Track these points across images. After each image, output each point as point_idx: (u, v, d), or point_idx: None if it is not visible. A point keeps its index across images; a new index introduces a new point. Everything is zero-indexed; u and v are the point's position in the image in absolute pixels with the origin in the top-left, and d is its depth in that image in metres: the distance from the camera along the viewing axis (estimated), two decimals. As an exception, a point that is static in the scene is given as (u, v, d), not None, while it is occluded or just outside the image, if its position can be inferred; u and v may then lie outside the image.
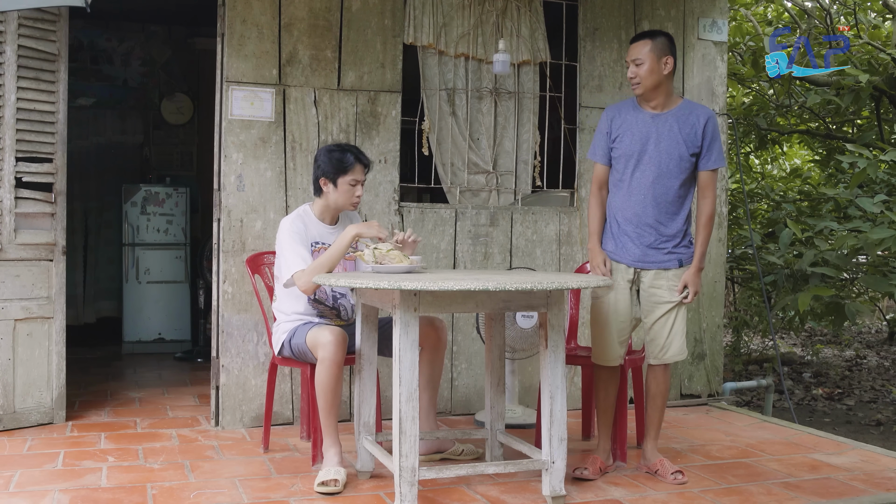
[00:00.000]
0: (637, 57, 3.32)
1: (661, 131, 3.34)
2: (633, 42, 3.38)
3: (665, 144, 3.32)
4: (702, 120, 3.33)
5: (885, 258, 5.59)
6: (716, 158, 3.36)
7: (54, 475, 3.33)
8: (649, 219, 3.35)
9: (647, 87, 3.32)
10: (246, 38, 4.16)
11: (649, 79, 3.31)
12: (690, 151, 3.33)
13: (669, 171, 3.32)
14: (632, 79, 3.35)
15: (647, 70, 3.30)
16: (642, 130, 3.36)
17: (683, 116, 3.35)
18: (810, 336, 9.71)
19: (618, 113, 3.45)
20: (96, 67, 7.36)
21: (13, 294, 3.98)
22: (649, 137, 3.34)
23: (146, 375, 5.62)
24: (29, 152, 4.02)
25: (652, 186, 3.33)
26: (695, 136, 3.32)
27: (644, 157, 3.35)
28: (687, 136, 3.32)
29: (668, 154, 3.32)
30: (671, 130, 3.33)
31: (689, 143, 3.33)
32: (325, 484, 3.13)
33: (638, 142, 3.35)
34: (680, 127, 3.33)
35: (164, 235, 6.63)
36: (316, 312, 3.50)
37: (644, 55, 3.30)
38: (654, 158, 3.33)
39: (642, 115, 3.39)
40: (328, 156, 3.46)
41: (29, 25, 3.98)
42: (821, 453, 3.86)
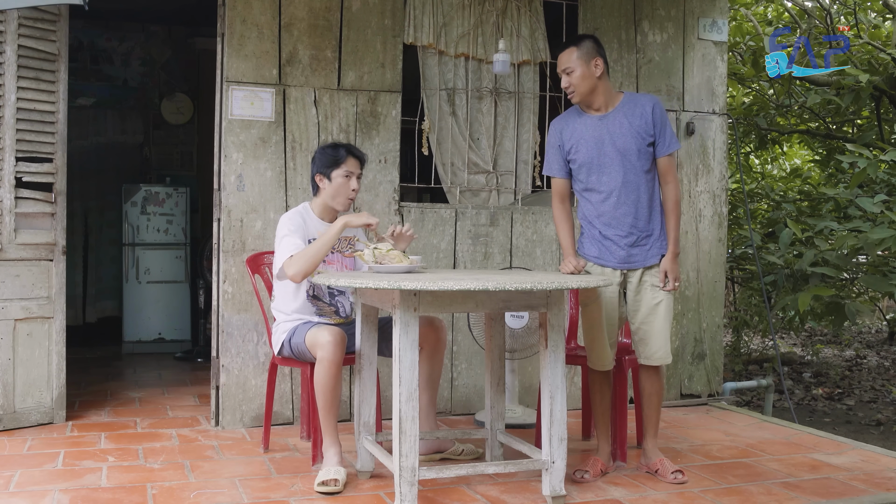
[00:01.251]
0: (567, 66, 3.32)
1: (613, 130, 3.32)
2: (560, 53, 3.36)
3: (621, 142, 3.31)
4: (648, 108, 3.32)
5: (885, 258, 5.59)
6: (669, 142, 3.34)
7: (54, 475, 3.33)
8: (628, 218, 3.33)
9: (583, 92, 3.32)
10: (246, 38, 4.16)
11: (583, 85, 3.31)
12: (647, 142, 3.31)
13: (633, 166, 3.31)
14: (566, 88, 3.34)
15: (578, 77, 3.30)
16: (594, 135, 3.35)
17: (630, 109, 3.34)
18: (810, 336, 9.71)
19: (566, 124, 3.44)
20: (96, 67, 7.36)
21: (13, 294, 3.98)
22: (603, 140, 3.33)
23: (146, 375, 5.62)
24: (29, 152, 4.02)
25: (622, 186, 3.32)
26: (646, 125, 3.31)
27: (605, 160, 3.33)
28: (639, 128, 3.31)
29: (626, 150, 3.31)
30: (622, 127, 3.32)
31: (642, 134, 3.31)
32: (326, 483, 3.13)
33: (593, 146, 3.34)
34: (630, 121, 3.32)
35: (164, 235, 6.64)
36: (315, 310, 3.50)
37: (573, 62, 3.30)
38: (616, 159, 3.31)
39: (589, 120, 3.37)
40: (322, 152, 3.51)
41: (29, 25, 3.98)
42: (821, 453, 3.86)
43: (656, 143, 3.34)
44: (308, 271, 3.23)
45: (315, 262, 3.24)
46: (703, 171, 4.98)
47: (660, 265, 3.37)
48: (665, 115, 3.35)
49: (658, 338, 3.39)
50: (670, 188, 3.37)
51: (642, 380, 3.50)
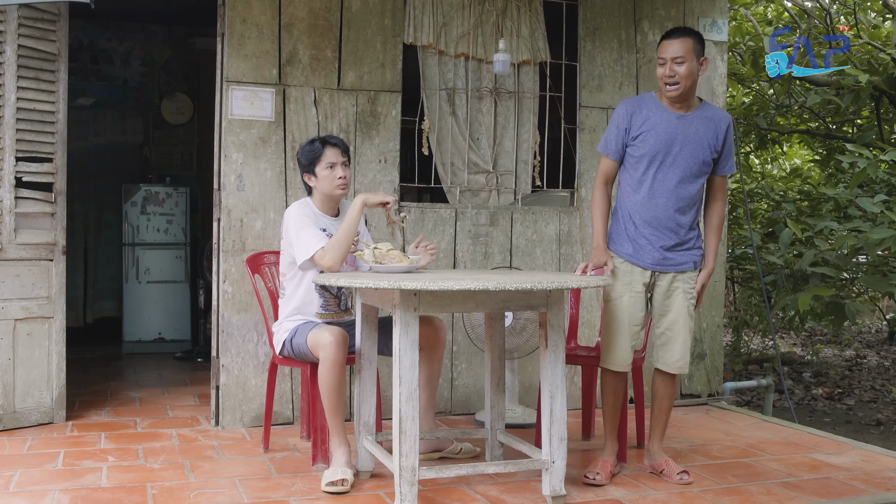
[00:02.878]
0: (679, 55, 3.13)
1: (688, 134, 3.24)
2: (669, 37, 3.18)
3: (690, 148, 3.24)
4: (723, 125, 3.28)
5: (885, 258, 5.59)
6: (731, 164, 3.35)
7: (54, 475, 3.33)
8: (670, 222, 3.28)
9: (687, 87, 3.19)
10: (246, 38, 4.16)
11: (689, 80, 3.16)
12: (712, 156, 3.27)
13: (692, 174, 3.26)
14: (670, 78, 3.16)
15: (687, 70, 3.14)
16: (668, 131, 3.24)
17: (707, 120, 3.27)
18: (810, 336, 9.70)
19: (638, 108, 3.30)
20: (96, 67, 7.36)
21: (13, 294, 3.98)
22: (675, 139, 3.24)
23: (146, 375, 5.62)
24: (29, 152, 4.02)
25: (675, 190, 3.25)
26: (716, 140, 3.27)
27: (668, 160, 3.25)
28: (710, 141, 3.26)
29: (693, 158, 3.24)
30: (697, 133, 3.25)
31: (711, 148, 3.26)
32: (333, 483, 3.13)
33: (664, 143, 3.24)
34: (704, 131, 3.25)
35: (164, 235, 6.63)
36: (322, 302, 3.51)
37: (686, 53, 3.13)
38: (680, 162, 3.24)
39: (668, 115, 3.26)
40: (301, 152, 3.55)
41: (29, 25, 3.98)
42: (821, 453, 3.86)
43: (719, 161, 3.30)
44: (343, 257, 3.31)
45: (347, 247, 3.32)
46: (703, 171, 4.98)
47: (694, 276, 3.35)
48: (732, 137, 3.33)
49: (681, 346, 3.35)
50: (718, 206, 3.38)
51: (656, 383, 3.46)
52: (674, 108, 3.26)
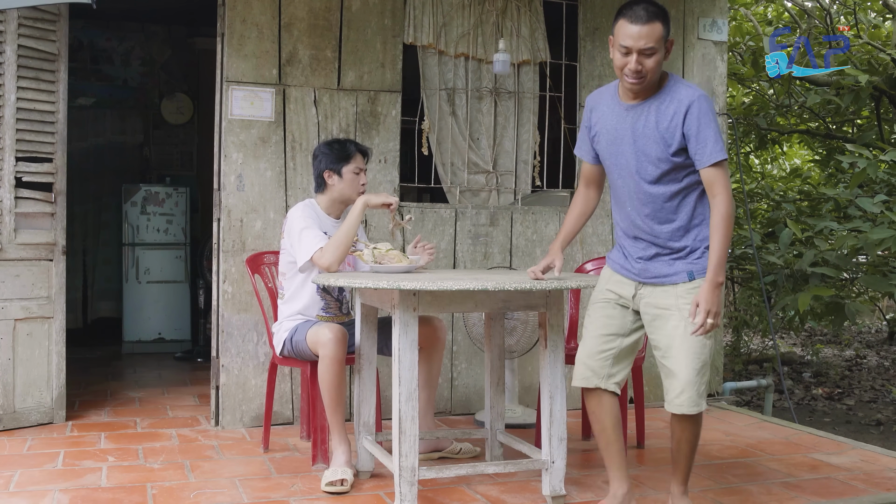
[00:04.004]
0: (648, 45, 2.55)
1: (637, 127, 2.67)
2: (636, 21, 2.55)
3: (641, 143, 2.66)
4: (683, 107, 2.59)
5: (885, 258, 5.59)
6: (711, 151, 2.57)
7: (54, 475, 3.33)
8: (644, 233, 2.74)
9: (653, 82, 2.63)
10: (246, 38, 4.16)
11: (655, 72, 2.60)
12: (674, 148, 2.62)
13: (650, 174, 2.67)
14: (634, 71, 2.58)
15: (655, 63, 2.58)
16: (614, 127, 2.73)
17: (663, 104, 2.63)
18: (810, 336, 9.70)
19: (596, 103, 2.82)
20: (96, 67, 7.36)
21: (13, 294, 3.98)
22: (623, 136, 2.70)
23: (146, 375, 5.62)
24: (29, 152, 4.02)
25: (637, 194, 2.71)
26: (674, 127, 2.60)
27: (621, 160, 2.73)
28: (664, 131, 2.62)
29: (644, 154, 2.66)
30: (647, 125, 2.65)
31: (666, 139, 2.62)
32: (333, 483, 3.13)
33: (611, 142, 2.74)
34: (657, 119, 2.63)
35: (164, 235, 6.63)
36: (323, 304, 3.52)
37: (657, 42, 2.56)
38: (632, 160, 2.69)
39: (616, 107, 2.72)
40: (328, 149, 3.51)
41: (29, 25, 3.98)
42: (821, 453, 3.86)
43: (693, 153, 2.60)
44: (341, 258, 3.30)
45: (347, 247, 3.31)
46: (703, 171, 4.98)
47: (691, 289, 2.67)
48: (707, 117, 2.58)
49: (679, 379, 2.66)
50: (717, 201, 2.59)
51: (671, 423, 2.78)
52: (625, 99, 2.71)
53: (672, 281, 2.71)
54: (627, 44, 2.56)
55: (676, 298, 2.69)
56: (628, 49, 2.57)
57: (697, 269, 2.69)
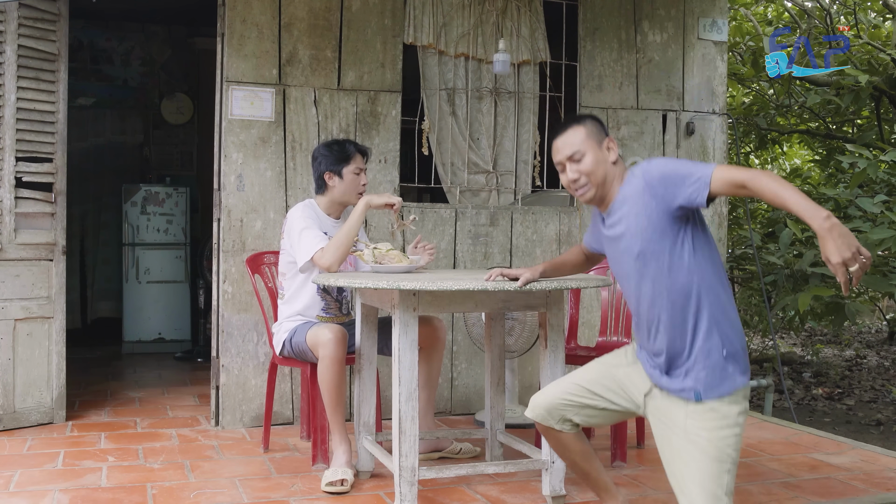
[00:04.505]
0: (575, 150, 2.40)
1: (620, 243, 2.41)
2: (556, 136, 2.45)
3: (633, 249, 2.35)
4: (639, 186, 2.29)
5: (885, 258, 5.58)
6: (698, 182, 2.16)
7: (54, 475, 3.33)
8: (653, 332, 2.37)
9: (600, 184, 2.39)
10: (246, 38, 4.16)
11: (597, 174, 2.38)
12: (658, 227, 2.28)
13: (655, 262, 2.31)
14: (573, 183, 2.41)
15: (591, 164, 2.38)
16: (610, 253, 2.51)
17: (626, 205, 2.36)
18: (810, 336, 9.70)
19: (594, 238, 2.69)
20: (96, 67, 7.36)
21: (13, 294, 3.98)
22: (620, 258, 2.43)
23: (146, 375, 5.62)
24: (29, 152, 4.02)
25: (643, 294, 2.38)
26: (647, 212, 2.28)
27: (623, 270, 2.45)
28: (644, 225, 2.29)
29: (641, 253, 2.33)
30: (626, 234, 2.36)
31: (653, 224, 2.28)
32: (333, 484, 3.13)
33: (614, 264, 2.50)
34: (628, 223, 2.34)
35: (164, 235, 6.64)
36: (323, 305, 3.52)
37: (583, 144, 2.39)
38: (632, 266, 2.38)
39: (599, 218, 2.52)
40: (328, 150, 3.50)
41: (29, 25, 3.98)
42: (821, 453, 3.86)
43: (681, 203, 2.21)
44: (342, 258, 3.29)
45: (347, 248, 3.30)
46: (703, 171, 4.98)
47: (702, 411, 2.25)
48: (669, 169, 2.25)
49: (685, 500, 2.25)
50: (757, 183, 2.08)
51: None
52: (605, 214, 2.48)
53: (679, 395, 2.31)
54: (557, 159, 2.46)
55: (685, 418, 2.28)
56: (559, 165, 2.46)
57: (704, 389, 2.26)
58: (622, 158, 2.46)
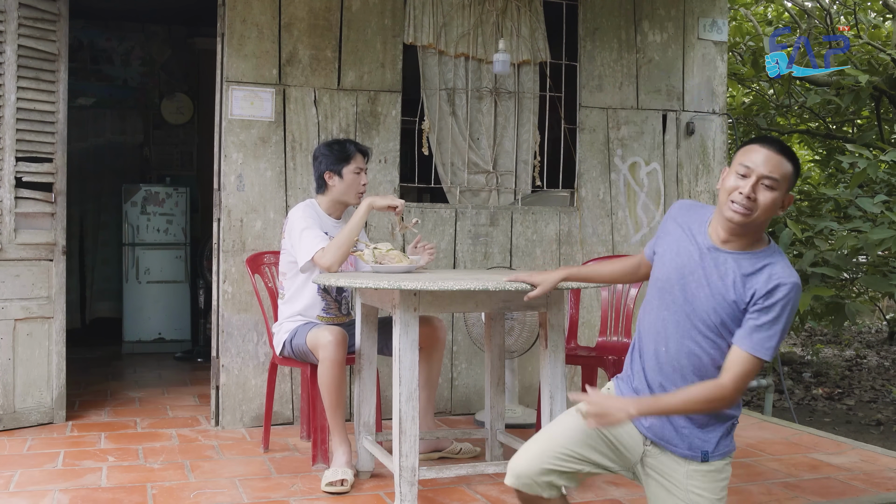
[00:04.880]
0: (774, 176, 2.09)
1: (710, 273, 2.17)
2: (768, 146, 2.13)
3: (703, 299, 2.17)
4: (772, 285, 2.10)
5: (885, 258, 5.58)
6: (762, 340, 2.10)
7: (54, 475, 3.33)
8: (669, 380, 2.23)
9: (760, 221, 2.12)
10: (246, 38, 4.16)
11: (767, 213, 2.12)
12: (726, 325, 2.14)
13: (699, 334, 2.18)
14: (743, 199, 2.09)
15: (771, 201, 2.10)
16: (684, 263, 2.22)
17: (752, 270, 2.13)
18: (810, 336, 9.70)
19: (684, 219, 2.31)
20: (96, 67, 7.36)
21: (13, 294, 3.98)
22: (690, 276, 2.20)
23: (146, 375, 5.62)
24: (29, 152, 4.02)
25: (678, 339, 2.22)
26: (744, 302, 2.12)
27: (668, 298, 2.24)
28: (736, 300, 2.13)
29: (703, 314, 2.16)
30: (721, 280, 2.15)
31: (733, 312, 2.13)
32: (332, 484, 3.13)
33: (675, 276, 2.23)
34: (735, 282, 2.13)
35: (164, 235, 6.64)
36: (324, 305, 3.52)
37: (783, 178, 2.11)
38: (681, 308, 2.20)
39: (696, 239, 2.22)
40: (328, 150, 3.50)
41: (29, 25, 3.98)
42: (821, 453, 3.86)
43: (742, 329, 2.12)
44: (343, 259, 3.30)
45: (348, 249, 3.31)
46: (703, 171, 4.98)
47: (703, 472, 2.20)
48: (787, 310, 2.10)
49: None
50: (720, 379, 2.11)
51: None
52: (713, 237, 2.20)
53: (683, 454, 2.20)
54: (750, 163, 2.10)
55: (687, 478, 2.19)
56: (748, 171, 2.10)
57: (713, 449, 2.20)
58: None
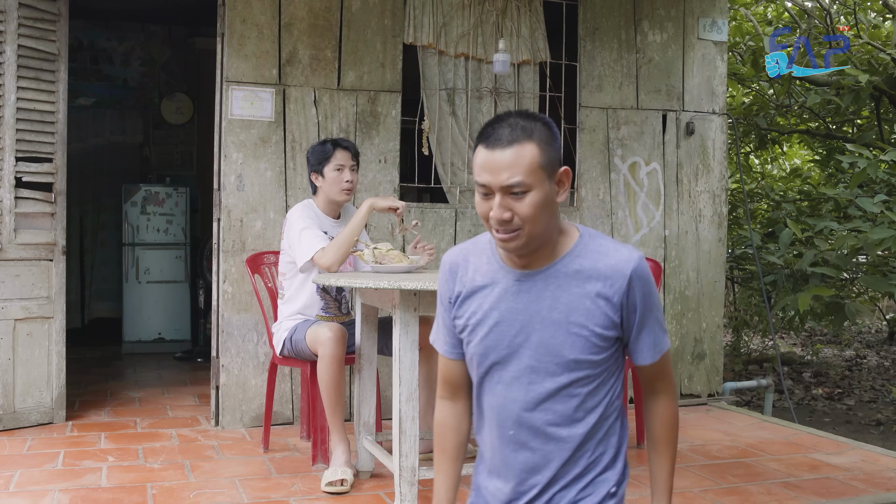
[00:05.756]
0: (516, 179, 1.58)
1: (533, 309, 1.66)
2: (493, 145, 1.59)
3: (540, 335, 1.65)
4: (618, 282, 1.64)
5: (885, 258, 5.58)
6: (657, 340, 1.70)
7: (54, 475, 3.33)
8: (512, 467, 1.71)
9: (537, 234, 1.62)
10: (246, 38, 4.16)
11: (540, 222, 1.61)
12: (593, 349, 1.64)
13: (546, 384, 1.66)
14: (502, 222, 1.60)
15: (532, 206, 1.59)
16: (495, 306, 1.69)
17: (577, 278, 1.65)
18: (810, 336, 9.70)
19: (462, 265, 1.75)
20: (96, 67, 7.36)
21: (13, 294, 3.98)
22: (511, 320, 1.68)
23: (146, 375, 5.62)
24: (29, 152, 4.02)
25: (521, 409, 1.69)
26: (600, 314, 1.64)
27: (502, 357, 1.70)
28: (582, 320, 1.63)
29: (546, 351, 1.65)
30: (552, 308, 1.65)
31: (585, 334, 1.63)
32: (332, 484, 3.13)
33: (493, 328, 1.69)
34: (569, 301, 1.64)
35: (164, 235, 6.64)
36: (323, 304, 3.52)
37: (529, 174, 1.58)
38: (523, 359, 1.67)
39: (499, 273, 1.70)
40: (312, 151, 3.57)
41: (29, 25, 3.98)
42: (821, 453, 3.86)
43: (633, 345, 1.69)
44: (342, 259, 3.31)
45: (348, 249, 3.32)
46: (703, 171, 4.98)
47: None
48: (653, 294, 1.68)
49: None
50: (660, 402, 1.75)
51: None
52: (510, 263, 1.68)
53: None
54: (483, 179, 1.60)
55: None
56: (486, 188, 1.60)
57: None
58: None
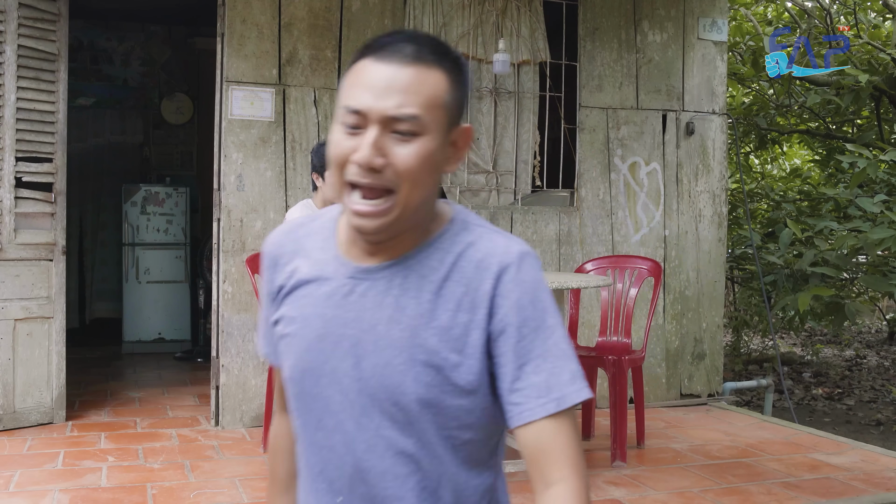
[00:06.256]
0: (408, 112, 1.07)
1: (369, 318, 1.17)
2: (388, 59, 1.08)
3: (378, 354, 1.16)
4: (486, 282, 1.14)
5: (885, 258, 5.58)
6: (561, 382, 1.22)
7: (54, 475, 3.33)
8: None
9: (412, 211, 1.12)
10: (246, 38, 4.16)
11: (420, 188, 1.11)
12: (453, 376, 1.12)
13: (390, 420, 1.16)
14: (367, 167, 1.08)
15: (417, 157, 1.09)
16: (323, 312, 1.22)
17: (437, 275, 1.15)
18: (810, 336, 9.70)
19: (286, 254, 1.38)
20: (96, 67, 7.36)
21: (13, 294, 3.98)
22: (340, 333, 1.19)
23: (146, 375, 5.62)
24: (29, 152, 4.02)
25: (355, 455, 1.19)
26: (462, 327, 1.13)
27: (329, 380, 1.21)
28: (441, 334, 1.13)
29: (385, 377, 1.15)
30: (394, 318, 1.15)
31: (444, 353, 1.13)
32: None
33: (316, 339, 1.22)
34: (421, 306, 1.14)
35: (164, 235, 6.63)
36: None
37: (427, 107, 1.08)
38: (352, 388, 1.17)
39: (333, 266, 1.24)
40: (318, 151, 3.54)
41: (29, 25, 3.98)
42: (821, 453, 3.86)
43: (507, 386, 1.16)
44: None
45: None
46: (703, 171, 4.98)
47: None
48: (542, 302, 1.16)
49: None
50: (560, 492, 1.16)
51: None
52: (352, 255, 1.22)
53: None
54: (359, 102, 1.09)
55: None
56: (360, 115, 1.09)
57: None
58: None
